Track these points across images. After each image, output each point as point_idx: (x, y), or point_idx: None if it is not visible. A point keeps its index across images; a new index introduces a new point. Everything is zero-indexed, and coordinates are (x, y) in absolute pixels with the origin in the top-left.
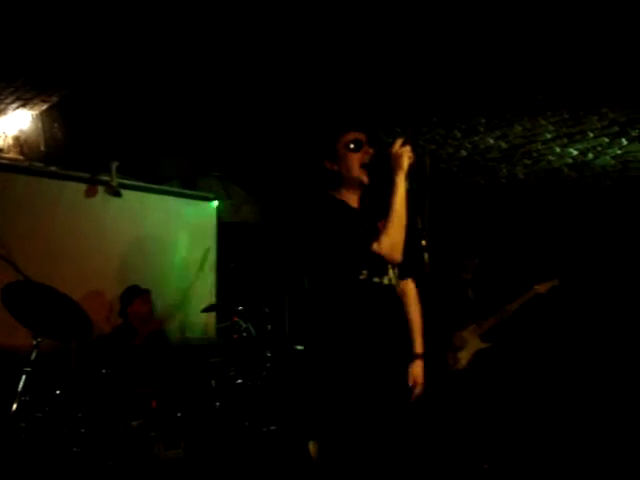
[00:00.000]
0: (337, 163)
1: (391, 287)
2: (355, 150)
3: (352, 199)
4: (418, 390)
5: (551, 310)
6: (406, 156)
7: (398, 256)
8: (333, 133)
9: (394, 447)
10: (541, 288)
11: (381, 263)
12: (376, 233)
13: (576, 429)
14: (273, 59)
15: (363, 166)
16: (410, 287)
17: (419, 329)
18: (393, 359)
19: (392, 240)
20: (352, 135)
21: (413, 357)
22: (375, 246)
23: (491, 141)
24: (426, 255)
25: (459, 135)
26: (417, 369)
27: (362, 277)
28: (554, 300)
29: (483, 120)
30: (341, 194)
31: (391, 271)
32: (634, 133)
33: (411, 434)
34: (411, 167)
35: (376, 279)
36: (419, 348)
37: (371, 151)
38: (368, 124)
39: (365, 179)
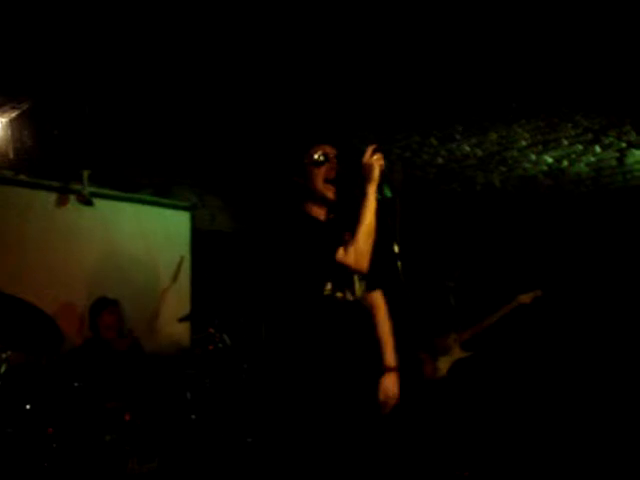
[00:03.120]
0: (304, 178)
1: (355, 302)
2: (319, 165)
3: (320, 213)
4: (391, 403)
5: (530, 319)
6: (377, 165)
7: (364, 266)
8: (300, 148)
9: (366, 461)
10: (525, 298)
11: (346, 275)
12: (342, 244)
13: (556, 438)
14: (247, 68)
15: (327, 181)
16: (378, 299)
17: (389, 342)
18: (357, 375)
19: (359, 249)
20: (317, 149)
21: (383, 371)
22: (340, 254)
23: (467, 148)
24: (399, 263)
25: (435, 142)
26: (388, 383)
27: (326, 292)
28: (533, 309)
29: (459, 127)
30: (310, 208)
31: (357, 284)
32: (607, 141)
33: (383, 448)
34: (382, 175)
35: (339, 294)
36: (389, 361)
37: (336, 166)
38: (337, 137)
39: (330, 194)
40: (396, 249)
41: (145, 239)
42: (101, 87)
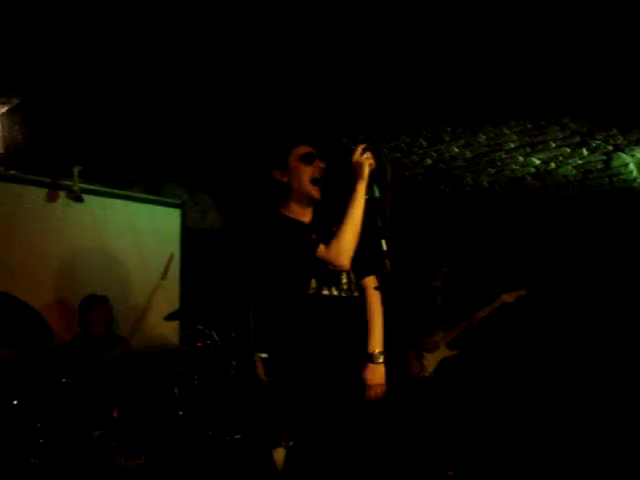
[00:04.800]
0: (287, 175)
1: (341, 298)
2: (307, 163)
3: (301, 213)
4: (376, 391)
5: (515, 318)
6: (367, 164)
7: (345, 262)
8: (285, 144)
9: (354, 452)
10: (508, 297)
11: (331, 271)
12: (319, 241)
13: (542, 436)
14: (239, 67)
15: (313, 181)
16: (370, 284)
17: (376, 328)
18: (344, 370)
19: (342, 245)
20: (305, 148)
21: (366, 360)
22: (321, 249)
23: (456, 150)
24: (387, 261)
25: (424, 143)
26: (370, 371)
27: (311, 290)
28: (520, 308)
29: (448, 129)
30: (290, 208)
31: (345, 278)
32: (594, 144)
33: (371, 437)
34: (372, 175)
35: (325, 291)
36: (373, 347)
37: (322, 165)
38: (326, 135)
39: (315, 194)
40: (384, 246)
41: (135, 236)
42: (92, 83)
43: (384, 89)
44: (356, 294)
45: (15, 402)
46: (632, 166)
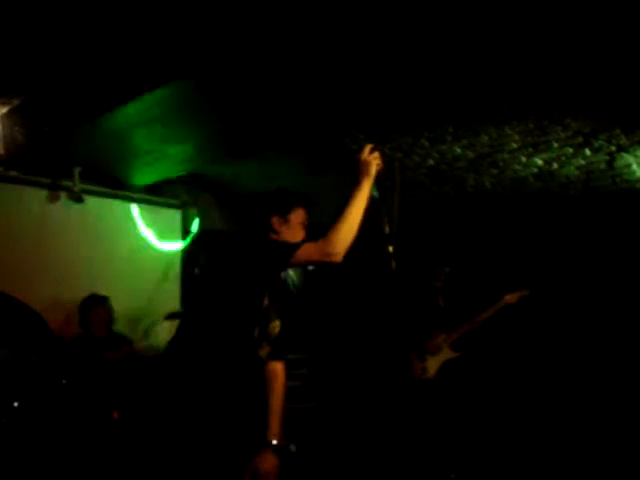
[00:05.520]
0: (285, 226)
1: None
2: (304, 228)
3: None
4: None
5: (518, 319)
6: (374, 163)
7: (341, 251)
8: (292, 199)
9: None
10: (511, 298)
11: (267, 328)
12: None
13: (544, 439)
14: (241, 67)
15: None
16: (281, 370)
17: (277, 415)
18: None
19: (339, 238)
20: (305, 213)
21: (262, 446)
22: (320, 242)
23: (458, 150)
24: (393, 262)
25: (426, 144)
26: (261, 459)
27: (254, 336)
28: (523, 310)
29: (450, 129)
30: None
31: (266, 347)
32: (597, 144)
33: (372, 447)
34: (379, 174)
35: (262, 350)
36: (270, 437)
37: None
38: (329, 136)
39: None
40: (390, 249)
41: (135, 236)
42: (93, 84)
43: (386, 89)
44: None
45: (15, 404)
46: (635, 166)
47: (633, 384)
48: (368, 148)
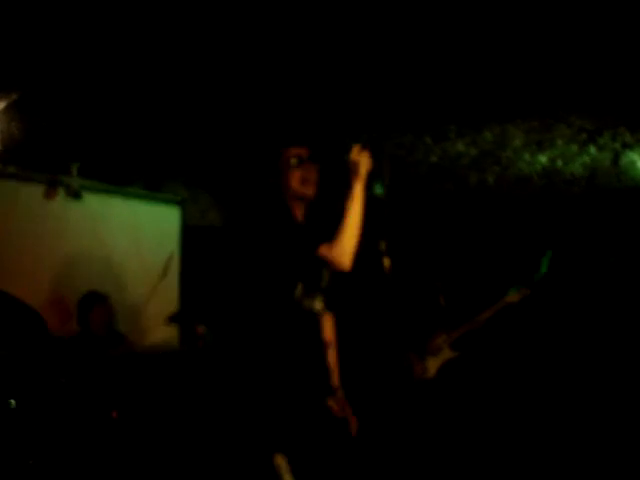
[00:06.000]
0: (280, 180)
1: (317, 314)
2: (295, 166)
3: (298, 213)
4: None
5: (520, 319)
6: (364, 162)
7: (346, 264)
8: (274, 150)
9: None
10: (512, 297)
11: (316, 281)
12: (319, 243)
13: (545, 439)
14: (240, 65)
15: (303, 182)
16: (330, 318)
17: (336, 358)
18: (311, 393)
19: (343, 247)
20: (292, 151)
21: (330, 390)
22: (324, 249)
23: (461, 147)
24: (386, 259)
25: (429, 141)
26: (335, 401)
27: (296, 294)
28: (524, 309)
29: (453, 126)
30: (291, 207)
31: (319, 297)
32: (602, 142)
33: (369, 449)
34: (370, 173)
35: (306, 302)
36: (334, 379)
37: (314, 166)
38: (316, 136)
39: (308, 194)
40: (382, 246)
41: (134, 234)
42: (92, 79)
43: (389, 86)
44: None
45: (13, 402)
46: None
47: (633, 384)
48: (357, 147)
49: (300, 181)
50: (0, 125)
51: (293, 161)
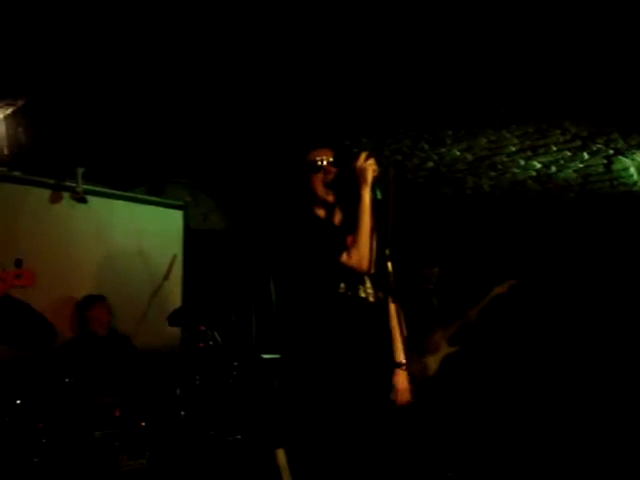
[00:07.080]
0: (304, 183)
1: (367, 300)
2: (316, 171)
3: (327, 215)
4: (403, 397)
5: (515, 318)
6: (370, 169)
7: (366, 267)
8: (298, 153)
9: (373, 456)
10: (500, 288)
11: (355, 275)
12: (344, 247)
13: (544, 434)
14: (243, 69)
15: (327, 185)
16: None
17: (398, 337)
18: (372, 374)
19: (360, 252)
20: (313, 156)
21: (395, 366)
22: (344, 258)
23: (457, 153)
24: (389, 264)
25: (426, 146)
26: (400, 377)
27: (340, 290)
28: (518, 308)
29: (450, 132)
30: (315, 211)
31: (368, 282)
32: (595, 148)
33: (390, 442)
34: (376, 179)
35: (351, 292)
36: (398, 355)
37: (334, 169)
38: (332, 140)
39: (330, 198)
40: (387, 252)
41: (138, 237)
42: (96, 85)
43: (386, 92)
44: (379, 299)
45: (18, 401)
46: (632, 170)
47: (629, 377)
48: (364, 155)
49: (323, 184)
50: (7, 130)
51: (313, 166)
